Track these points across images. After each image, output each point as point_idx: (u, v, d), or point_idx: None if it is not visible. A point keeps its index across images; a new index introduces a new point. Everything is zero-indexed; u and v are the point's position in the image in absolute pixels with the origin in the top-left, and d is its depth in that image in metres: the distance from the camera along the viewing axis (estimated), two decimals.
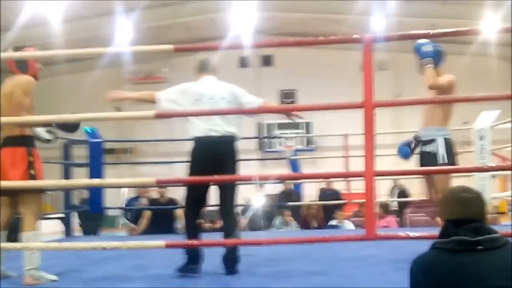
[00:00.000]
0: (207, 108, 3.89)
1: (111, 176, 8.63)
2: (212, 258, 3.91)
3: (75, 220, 8.09)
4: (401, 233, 3.56)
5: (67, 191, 7.45)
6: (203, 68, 4.14)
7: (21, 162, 3.69)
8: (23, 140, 3.76)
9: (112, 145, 14.94)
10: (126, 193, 15.24)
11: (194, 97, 3.94)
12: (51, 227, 8.59)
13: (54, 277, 3.73)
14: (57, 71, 15.98)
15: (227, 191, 3.99)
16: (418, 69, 4.34)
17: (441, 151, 4.31)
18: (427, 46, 4.30)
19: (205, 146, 3.91)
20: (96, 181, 4.92)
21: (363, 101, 2.99)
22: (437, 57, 4.35)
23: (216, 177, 3.73)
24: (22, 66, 3.85)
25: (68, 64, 14.83)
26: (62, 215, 7.69)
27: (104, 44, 14.27)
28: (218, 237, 4.78)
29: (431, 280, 1.93)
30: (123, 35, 14.09)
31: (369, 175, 2.92)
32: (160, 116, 3.68)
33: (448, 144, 4.32)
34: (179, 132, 12.73)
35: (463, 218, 1.99)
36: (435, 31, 3.32)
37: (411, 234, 3.19)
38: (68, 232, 7.12)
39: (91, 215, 7.68)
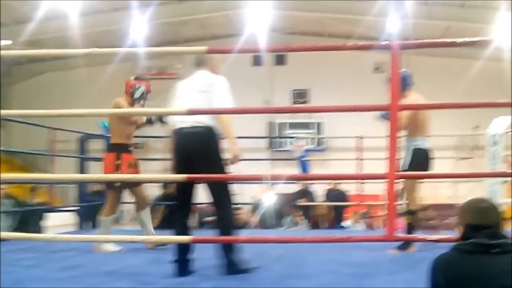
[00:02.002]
0: (183, 101, 3.85)
1: None
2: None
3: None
4: (420, 235, 3.62)
5: (81, 184, 7.54)
6: (196, 63, 4.06)
7: (111, 164, 5.03)
8: (114, 148, 5.10)
9: None
10: None
11: (175, 92, 3.97)
12: (63, 220, 8.73)
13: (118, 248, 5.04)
14: (73, 64, 16.14)
15: (213, 184, 3.79)
16: None
17: (406, 160, 4.88)
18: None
19: (177, 138, 3.84)
20: (118, 176, 4.96)
21: (390, 103, 3.05)
22: (403, 83, 4.74)
23: (211, 175, 3.63)
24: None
25: (83, 58, 14.93)
26: (76, 208, 7.79)
27: (119, 39, 14.46)
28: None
29: (449, 277, 2.11)
30: (138, 30, 14.18)
31: (392, 177, 2.97)
32: (192, 112, 3.63)
33: (417, 154, 4.70)
34: None
35: (481, 224, 2.16)
36: (461, 39, 3.31)
37: (429, 236, 3.26)
38: (81, 225, 7.21)
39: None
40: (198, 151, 3.74)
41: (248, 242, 4.74)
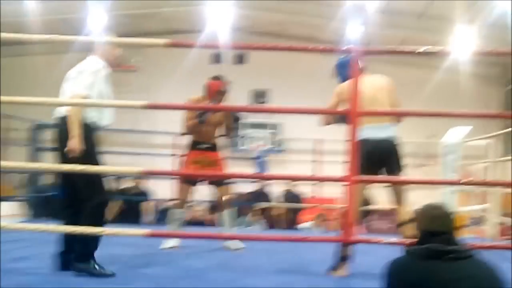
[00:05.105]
0: (63, 89, 3.72)
1: None
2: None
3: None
4: (376, 238, 3.66)
5: (34, 175, 7.32)
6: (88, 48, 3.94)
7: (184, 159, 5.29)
8: (189, 144, 5.25)
9: None
10: None
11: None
12: (10, 209, 8.45)
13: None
14: (28, 51, 15.67)
15: (76, 177, 3.48)
16: None
17: None
18: None
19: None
20: (73, 167, 4.78)
21: (349, 108, 3.07)
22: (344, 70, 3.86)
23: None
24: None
25: (40, 45, 14.57)
26: (25, 198, 7.54)
27: (76, 28, 14.11)
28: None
29: (403, 282, 2.14)
30: (97, 20, 13.88)
31: (352, 180, 3.00)
32: (151, 106, 3.48)
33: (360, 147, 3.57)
34: (145, 124, 12.81)
35: (435, 230, 2.20)
36: (421, 49, 3.38)
37: (385, 239, 3.31)
38: (35, 215, 6.99)
39: (57, 200, 7.55)
40: (60, 144, 3.51)
41: (200, 238, 4.73)
